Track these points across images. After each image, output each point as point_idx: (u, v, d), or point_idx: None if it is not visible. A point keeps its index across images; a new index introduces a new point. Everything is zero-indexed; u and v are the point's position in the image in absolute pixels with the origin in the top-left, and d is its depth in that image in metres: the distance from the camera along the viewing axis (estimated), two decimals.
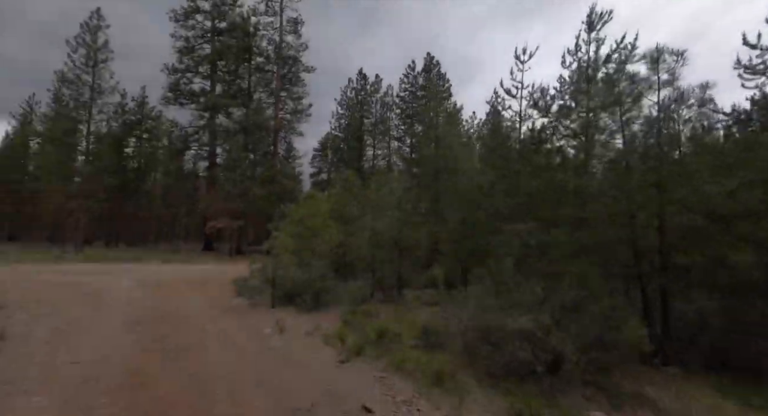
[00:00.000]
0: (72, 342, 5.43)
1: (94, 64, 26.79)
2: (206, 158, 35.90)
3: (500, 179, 11.05)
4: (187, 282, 12.67)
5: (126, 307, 8.06)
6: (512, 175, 11.06)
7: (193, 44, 35.82)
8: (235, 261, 25.03)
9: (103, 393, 3.60)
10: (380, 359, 4.61)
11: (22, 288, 10.02)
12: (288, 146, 41.23)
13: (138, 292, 10.32)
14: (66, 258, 19.46)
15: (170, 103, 35.16)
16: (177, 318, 7.25)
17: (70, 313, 7.33)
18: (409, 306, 8.62)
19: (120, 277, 13.25)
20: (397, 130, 44.89)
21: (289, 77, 39.21)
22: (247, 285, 10.63)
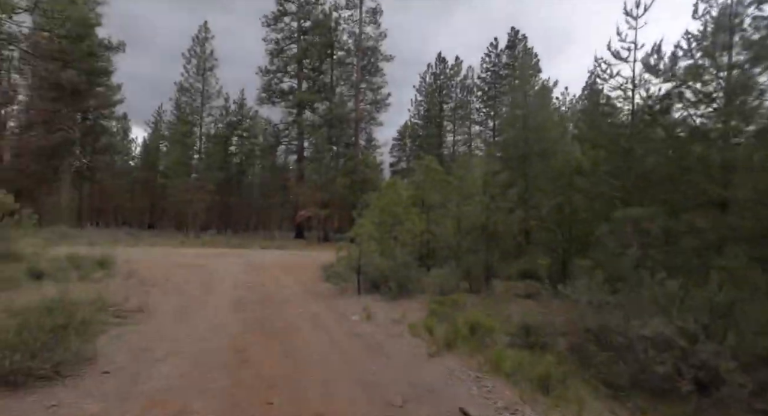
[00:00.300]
0: (191, 317, 6.14)
1: (203, 73, 30.43)
2: (295, 152, 38.65)
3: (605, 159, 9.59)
4: (282, 268, 13.72)
5: (233, 290, 8.96)
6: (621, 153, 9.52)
7: (282, 46, 38.48)
8: (323, 248, 26.65)
9: (215, 368, 3.91)
10: (474, 356, 4.25)
11: (157, 269, 11.85)
12: (368, 136, 42.18)
13: (243, 275, 11.46)
14: (187, 243, 22.72)
15: (264, 103, 38.49)
16: (274, 300, 7.79)
17: (190, 292, 8.39)
18: (499, 298, 8.03)
19: (228, 261, 14.93)
20: (478, 114, 42.77)
21: (369, 68, 39.80)
22: (334, 272, 11.06)
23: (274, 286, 9.68)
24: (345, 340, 5.08)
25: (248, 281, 10.37)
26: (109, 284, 8.83)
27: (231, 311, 6.69)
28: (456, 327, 5.02)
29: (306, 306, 7.26)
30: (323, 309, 7.03)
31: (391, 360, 4.23)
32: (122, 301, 6.87)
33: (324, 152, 30.67)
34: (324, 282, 10.45)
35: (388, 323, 6.02)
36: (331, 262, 14.66)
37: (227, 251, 20.04)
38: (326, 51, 37.79)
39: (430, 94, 40.98)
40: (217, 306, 7.08)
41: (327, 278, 10.89)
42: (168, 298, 7.51)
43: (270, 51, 38.36)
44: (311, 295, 8.45)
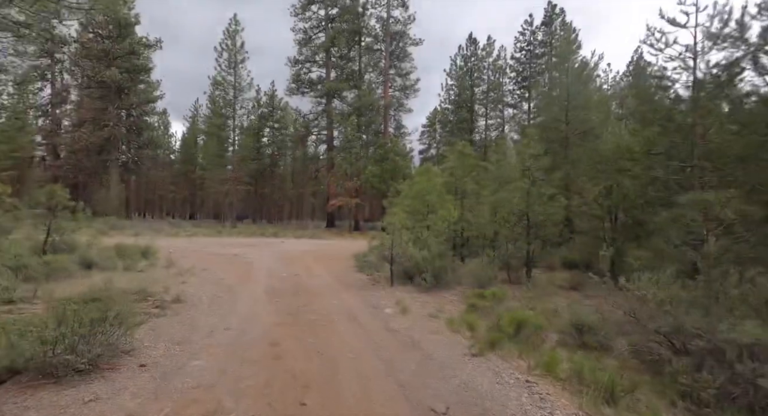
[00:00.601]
0: (226, 308, 6.15)
1: (235, 66, 30.93)
2: (325, 141, 38.79)
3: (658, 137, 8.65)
4: (315, 257, 13.76)
5: (267, 279, 9.01)
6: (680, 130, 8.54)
7: (310, 35, 38.39)
8: (354, 237, 26.74)
9: (248, 363, 3.80)
10: (521, 357, 3.88)
11: (195, 258, 12.21)
12: (397, 124, 41.54)
13: (276, 265, 11.56)
14: (224, 232, 23.48)
15: (294, 93, 38.76)
16: (308, 291, 7.71)
17: (226, 282, 8.51)
18: (541, 289, 7.52)
19: (262, 251, 15.19)
20: (511, 97, 40.87)
21: (397, 53, 38.94)
22: (366, 262, 10.92)
23: (307, 276, 9.66)
24: (380, 336, 4.86)
25: (282, 271, 10.44)
26: (151, 274, 9.15)
27: (265, 302, 6.67)
28: (499, 323, 4.65)
29: (339, 298, 7.12)
30: (356, 301, 6.86)
31: (431, 360, 3.95)
32: (162, 291, 7.04)
33: (353, 141, 30.51)
34: (356, 273, 10.33)
35: (425, 317, 5.73)
36: (362, 251, 14.57)
37: (262, 240, 20.50)
38: (354, 38, 37.27)
39: (461, 78, 39.49)
40: (252, 296, 7.10)
41: (359, 268, 10.78)
42: (204, 288, 7.62)
43: (298, 40, 38.41)
44: (344, 286, 8.32)
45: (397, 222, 7.66)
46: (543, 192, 7.85)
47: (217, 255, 13.42)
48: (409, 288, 7.93)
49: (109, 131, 31.13)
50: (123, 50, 32.80)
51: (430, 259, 8.01)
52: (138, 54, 33.48)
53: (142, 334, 4.52)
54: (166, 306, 5.96)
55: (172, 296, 6.56)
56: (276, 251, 15.21)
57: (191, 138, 49.73)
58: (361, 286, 8.30)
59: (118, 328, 3.94)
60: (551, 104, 17.02)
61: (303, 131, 40.23)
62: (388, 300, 6.95)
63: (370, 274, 9.68)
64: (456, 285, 8.14)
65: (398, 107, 40.52)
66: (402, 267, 8.39)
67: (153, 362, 3.73)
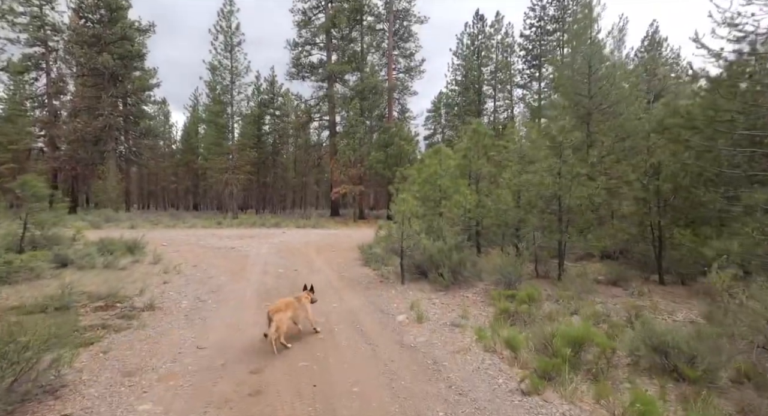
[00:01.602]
0: (205, 317, 5.14)
1: (231, 49, 29.49)
2: (327, 127, 37.47)
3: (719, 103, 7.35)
4: (317, 249, 12.74)
5: (261, 276, 8.00)
6: None
7: (309, 16, 36.66)
8: (359, 226, 25.71)
9: (215, 405, 2.77)
10: (593, 396, 2.81)
11: (187, 252, 11.25)
12: (402, 108, 39.98)
13: (274, 258, 10.56)
14: (224, 223, 22.56)
15: (294, 78, 37.24)
16: None
17: (214, 281, 7.51)
18: (578, 286, 6.43)
19: (261, 243, 14.20)
20: (521, 76, 39.06)
21: (401, 33, 37.14)
22: (373, 254, 9.87)
23: (306, 272, 8.64)
24: (393, 355, 3.81)
25: (279, 265, 9.44)
26: (132, 272, 8.19)
27: (254, 307, 5.65)
28: (543, 337, 3.58)
29: (342, 299, 6.09)
30: (362, 304, 5.81)
31: (465, 398, 2.89)
32: (136, 294, 6.08)
33: (357, 125, 29.17)
34: (361, 267, 9.30)
35: (447, 327, 4.67)
36: (368, 242, 13.53)
37: (262, 231, 19.55)
38: (356, 17, 35.45)
39: (468, 57, 37.67)
40: (241, 299, 6.09)
41: (365, 261, 9.74)
42: (188, 289, 6.63)
43: (297, 22, 36.72)
44: (347, 284, 7.29)
45: (408, 209, 6.56)
46: (578, 171, 6.67)
47: (212, 248, 12.46)
48: (423, 286, 6.87)
49: (103, 120, 30.07)
50: (115, 35, 31.48)
51: (447, 252, 6.91)
52: (130, 39, 32.12)
53: (88, 360, 3.51)
54: (133, 316, 4.96)
55: (146, 301, 5.58)
56: (276, 243, 14.23)
57: (192, 127, 48.61)
58: (368, 284, 7.26)
59: (52, 352, 2.92)
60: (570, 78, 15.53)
61: (304, 117, 38.89)
62: (400, 301, 5.90)
63: (377, 269, 8.64)
64: (476, 282, 7.06)
65: (402, 90, 38.96)
66: (413, 261, 7.32)
67: (83, 410, 2.71)
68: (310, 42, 37.53)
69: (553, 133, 6.94)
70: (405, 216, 6.76)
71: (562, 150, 6.87)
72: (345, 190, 28.25)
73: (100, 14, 33.08)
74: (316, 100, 37.81)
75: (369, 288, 6.93)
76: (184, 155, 51.13)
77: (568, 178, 6.75)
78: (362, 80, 32.45)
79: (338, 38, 36.40)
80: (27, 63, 35.73)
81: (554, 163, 6.97)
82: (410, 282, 7.10)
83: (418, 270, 7.37)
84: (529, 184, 7.50)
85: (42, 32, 35.02)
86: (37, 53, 35.52)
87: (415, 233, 6.83)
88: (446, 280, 6.56)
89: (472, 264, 7.13)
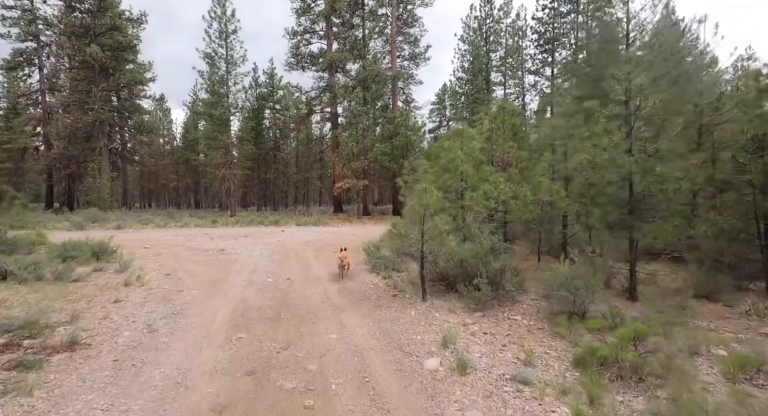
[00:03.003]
0: (144, 363, 3.51)
1: (226, 36, 27.79)
2: (329, 119, 35.74)
3: None
4: (316, 250, 11.12)
5: (243, 289, 6.37)
6: None
7: (308, 2, 34.87)
8: (363, 223, 24.07)
9: None
10: None
11: (167, 257, 9.69)
12: (407, 98, 38.07)
13: (265, 263, 8.96)
14: (220, 222, 21.02)
15: (293, 68, 35.54)
16: (296, 311, 5.05)
17: (184, 296, 5.89)
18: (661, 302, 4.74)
19: (255, 243, 12.62)
20: (532, 62, 36.97)
21: (405, 17, 35.19)
22: (381, 258, 8.21)
23: (301, 281, 7.01)
24: None
25: (269, 272, 7.82)
26: (85, 285, 6.60)
27: (221, 341, 4.03)
28: None
29: (343, 326, 4.44)
30: (371, 335, 4.17)
31: None
32: (67, 321, 4.50)
33: (359, 115, 27.40)
34: (368, 273, 7.65)
35: (508, 385, 3.00)
36: (374, 240, 11.88)
37: (259, 230, 17.97)
38: (357, 1, 33.60)
39: (475, 43, 35.65)
40: (205, 329, 4.45)
41: (372, 266, 8.09)
42: (141, 312, 5.02)
43: (296, 9, 34.95)
44: (351, 299, 5.65)
45: (431, 203, 4.90)
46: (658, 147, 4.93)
47: (198, 251, 10.89)
48: (451, 303, 5.21)
49: (94, 115, 28.57)
50: (104, 26, 29.89)
51: (483, 256, 5.23)
52: (121, 29, 30.49)
53: None
54: (34, 364, 3.34)
55: (69, 334, 3.97)
56: (271, 243, 12.63)
57: (191, 123, 47.10)
58: (378, 299, 5.61)
59: None
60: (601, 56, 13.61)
61: (305, 109, 37.16)
62: (425, 329, 4.25)
63: (388, 277, 6.99)
64: (520, 294, 5.38)
65: (407, 79, 37.09)
66: (437, 269, 5.65)
67: None
68: (309, 30, 35.79)
69: (622, 98, 5.21)
70: (428, 212, 5.08)
71: (634, 119, 5.13)
72: (348, 185, 26.56)
73: (89, 4, 31.50)
74: (316, 92, 36.11)
75: (380, 305, 5.27)
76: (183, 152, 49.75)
77: (643, 157, 5.02)
78: (365, 67, 30.61)
79: (339, 25, 34.57)
80: (19, 58, 34.32)
81: (621, 136, 5.23)
82: (433, 297, 5.44)
83: (443, 280, 5.70)
84: (594, 165, 5.69)
85: (33, 26, 33.54)
86: (29, 48, 34.10)
87: (440, 233, 5.15)
88: (484, 295, 4.88)
89: (513, 273, 5.43)
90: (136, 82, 33.79)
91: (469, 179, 7.73)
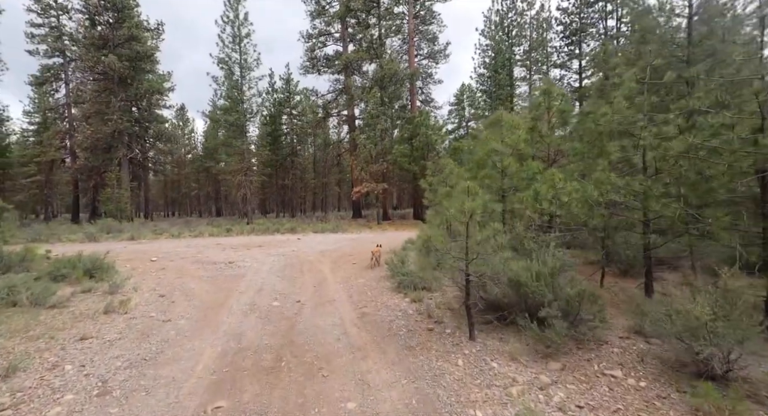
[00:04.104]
0: None
1: (239, 40, 27.32)
2: (345, 121, 34.82)
3: None
4: (333, 261, 9.92)
5: (242, 318, 5.19)
6: None
7: (323, 5, 34.26)
8: (384, 229, 22.78)
9: None
10: None
11: (173, 270, 8.72)
12: (426, 97, 36.68)
13: (274, 279, 7.81)
14: (235, 230, 20.22)
15: (308, 72, 34.91)
16: (303, 358, 3.79)
17: (164, 331, 4.73)
18: None
19: (267, 254, 11.54)
20: (558, 55, 34.98)
21: (422, 15, 33.98)
22: (407, 275, 6.89)
23: (312, 305, 5.79)
24: None
25: (277, 293, 6.65)
26: (60, 312, 5.59)
27: (192, 410, 2.82)
28: None
29: (365, 386, 3.16)
30: (407, 407, 2.85)
31: None
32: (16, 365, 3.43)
33: (377, 116, 26.23)
34: (393, 292, 6.35)
35: None
36: (396, 248, 10.60)
37: (275, 239, 16.98)
38: (372, 1, 32.64)
39: (498, 37, 33.98)
40: (177, 390, 3.23)
41: (397, 284, 6.78)
42: (105, 358, 3.90)
43: (310, 12, 34.40)
44: (374, 335, 4.35)
45: (478, 207, 3.58)
46: None
47: (206, 263, 9.88)
48: (510, 344, 3.84)
49: (113, 125, 28.61)
50: (123, 36, 30.04)
51: (549, 278, 3.84)
52: (138, 39, 30.59)
53: None
54: None
55: None
56: (286, 253, 11.53)
57: (211, 131, 47.33)
58: (409, 336, 4.29)
59: None
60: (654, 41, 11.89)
61: (321, 113, 36.38)
62: (485, 398, 2.90)
63: (417, 300, 5.67)
64: (605, 333, 3.95)
65: (426, 78, 35.79)
66: (486, 295, 4.28)
67: None
68: (324, 32, 35.13)
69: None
70: (472, 219, 3.74)
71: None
72: (367, 189, 25.37)
73: (108, 16, 31.83)
74: (333, 95, 35.31)
75: (412, 346, 3.96)
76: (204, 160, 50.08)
77: None
78: (381, 67, 29.50)
79: (354, 25, 33.67)
80: (47, 74, 35.12)
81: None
82: (484, 334, 4.09)
83: (493, 309, 4.33)
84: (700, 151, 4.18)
85: (60, 42, 34.26)
86: (56, 64, 34.88)
87: (493, 247, 3.80)
88: (557, 335, 3.49)
89: (591, 300, 4.00)
90: (155, 91, 33.88)
91: (512, 177, 6.33)
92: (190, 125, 54.48)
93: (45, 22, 34.11)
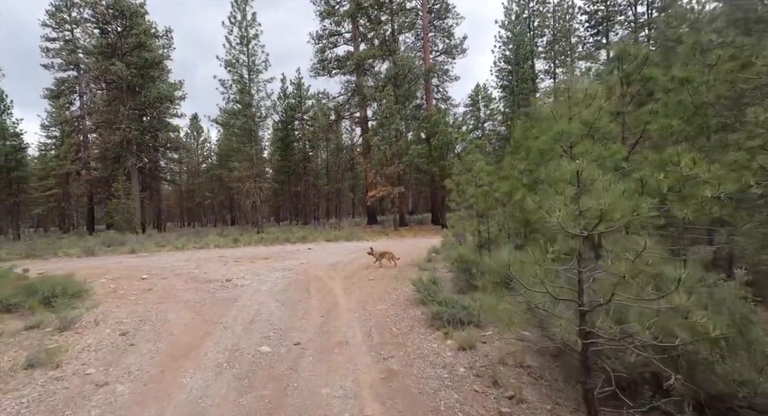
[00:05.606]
0: None
1: (247, 42, 26.24)
2: (358, 123, 33.38)
3: None
4: (347, 277, 8.24)
5: (215, 380, 3.52)
6: None
7: (332, 4, 33.08)
8: (401, 235, 20.98)
9: None
10: None
11: (161, 290, 7.23)
12: (442, 95, 34.90)
13: (273, 304, 6.16)
14: (242, 240, 18.82)
15: (319, 74, 33.70)
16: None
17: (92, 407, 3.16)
18: None
19: (272, 269, 9.95)
20: (583, 46, 32.81)
21: (436, 8, 32.36)
22: (443, 302, 5.12)
23: (315, 352, 4.10)
24: None
25: (272, 328, 4.99)
26: None
27: None
28: None
29: None
30: None
31: None
32: None
33: (392, 115, 24.59)
34: (426, 329, 4.61)
35: None
36: (419, 260, 8.88)
37: (284, 249, 15.46)
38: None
39: (519, 29, 32.00)
40: None
41: (431, 317, 5.01)
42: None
43: (320, 12, 33.21)
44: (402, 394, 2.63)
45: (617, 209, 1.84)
46: None
47: (200, 282, 8.35)
48: None
49: (121, 134, 27.88)
50: (131, 44, 29.45)
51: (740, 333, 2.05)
52: (146, 46, 29.94)
53: None
54: None
55: None
56: (292, 267, 9.92)
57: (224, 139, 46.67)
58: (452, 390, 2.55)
59: None
60: None
61: (333, 116, 35.03)
62: None
63: (468, 346, 3.91)
64: None
65: (442, 75, 34.04)
66: (612, 366, 2.49)
67: None
68: (334, 33, 33.87)
69: None
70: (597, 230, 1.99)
71: None
72: (382, 192, 23.69)
73: (117, 24, 31.37)
74: (344, 96, 33.96)
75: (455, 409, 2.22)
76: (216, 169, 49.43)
77: None
78: (395, 64, 27.92)
79: (365, 24, 32.28)
80: (62, 87, 34.98)
81: None
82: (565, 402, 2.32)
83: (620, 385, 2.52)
84: None
85: (74, 56, 34.07)
86: (71, 77, 34.74)
87: (640, 284, 2.06)
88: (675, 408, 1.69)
89: None
90: (165, 99, 33.13)
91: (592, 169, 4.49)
92: (204, 134, 54.02)
93: (59, 36, 34.06)
